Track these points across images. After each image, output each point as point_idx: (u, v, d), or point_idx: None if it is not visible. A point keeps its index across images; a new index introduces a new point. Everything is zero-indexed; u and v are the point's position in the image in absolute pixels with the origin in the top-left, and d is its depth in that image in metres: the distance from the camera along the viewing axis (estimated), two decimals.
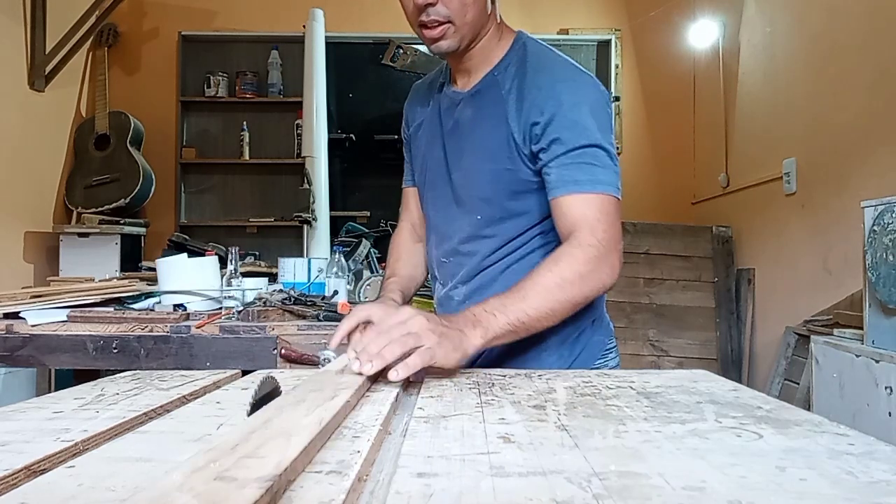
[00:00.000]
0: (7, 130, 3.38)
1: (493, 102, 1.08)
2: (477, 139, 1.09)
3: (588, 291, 0.95)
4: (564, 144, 1.00)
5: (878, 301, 1.73)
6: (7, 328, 1.66)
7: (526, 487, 0.42)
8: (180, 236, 3.51)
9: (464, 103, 1.12)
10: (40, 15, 3.56)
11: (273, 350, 1.65)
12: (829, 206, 2.63)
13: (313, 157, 3.46)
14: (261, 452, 0.42)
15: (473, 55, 1.10)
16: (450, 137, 1.14)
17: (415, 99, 1.28)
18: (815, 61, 2.76)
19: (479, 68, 1.11)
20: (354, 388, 0.66)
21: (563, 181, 1.00)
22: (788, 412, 0.62)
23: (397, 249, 1.30)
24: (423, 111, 1.23)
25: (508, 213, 1.09)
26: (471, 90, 1.12)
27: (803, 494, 0.41)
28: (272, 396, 0.66)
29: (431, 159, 1.18)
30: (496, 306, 0.88)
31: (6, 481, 0.45)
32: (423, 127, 1.22)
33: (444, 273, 1.19)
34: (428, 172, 1.20)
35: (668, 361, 3.38)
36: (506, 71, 1.09)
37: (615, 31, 4.38)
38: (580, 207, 0.98)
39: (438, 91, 1.20)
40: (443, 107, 1.17)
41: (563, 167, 1.00)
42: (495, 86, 1.09)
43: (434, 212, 1.20)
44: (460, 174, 1.12)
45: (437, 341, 0.78)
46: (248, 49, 4.39)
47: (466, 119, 1.11)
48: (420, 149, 1.22)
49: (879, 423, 1.70)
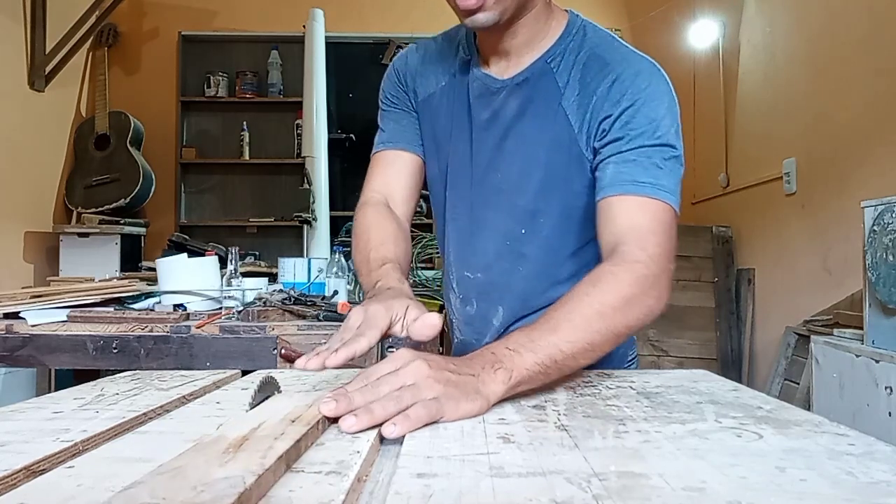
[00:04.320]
0: (7, 130, 3.38)
1: (546, 96, 0.92)
2: (528, 139, 0.93)
3: (632, 321, 0.77)
4: (632, 140, 0.85)
5: (878, 301, 1.73)
6: (7, 328, 1.66)
7: (526, 488, 0.41)
8: (180, 236, 3.51)
9: (507, 93, 0.94)
10: (40, 15, 3.56)
11: (273, 350, 1.65)
12: (829, 206, 2.63)
13: (313, 157, 3.46)
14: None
15: (517, 33, 0.91)
16: (483, 132, 0.96)
17: (426, 62, 1.03)
18: (815, 61, 2.76)
19: (523, 52, 0.93)
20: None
21: (619, 179, 0.84)
22: (788, 412, 0.62)
23: (377, 230, 0.97)
24: (437, 84, 1.01)
25: (563, 218, 0.94)
26: (515, 77, 0.94)
27: (803, 495, 0.41)
28: (271, 396, 0.66)
29: (454, 154, 0.99)
30: (522, 342, 0.68)
31: (6, 481, 0.45)
32: (435, 105, 1.01)
33: (470, 290, 1.02)
34: (449, 168, 1.00)
35: (668, 361, 3.38)
36: (562, 59, 0.92)
37: (615, 31, 4.36)
38: (633, 213, 0.82)
39: (461, 70, 0.99)
40: (473, 92, 0.97)
41: (623, 164, 0.84)
42: (548, 75, 0.92)
43: (457, 222, 1.02)
44: (499, 177, 0.95)
45: (442, 391, 0.60)
46: (248, 49, 4.39)
47: (510, 113, 0.94)
48: (433, 130, 1.02)
49: (879, 423, 1.70)
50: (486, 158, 0.96)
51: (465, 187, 0.99)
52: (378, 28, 4.23)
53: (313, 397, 0.61)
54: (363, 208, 1.02)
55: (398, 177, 1.03)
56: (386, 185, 1.04)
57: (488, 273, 1.00)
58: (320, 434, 0.54)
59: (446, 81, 1.01)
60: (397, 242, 0.95)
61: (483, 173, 0.97)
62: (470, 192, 0.98)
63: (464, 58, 0.99)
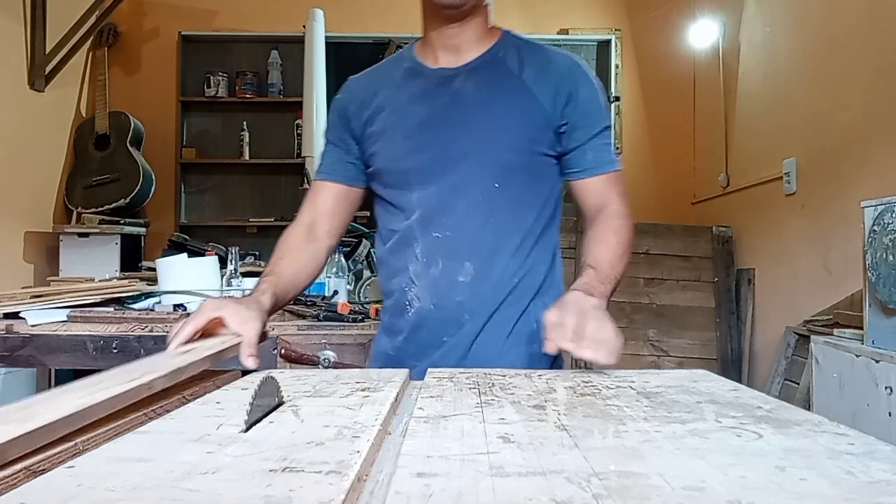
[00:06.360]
0: (7, 130, 3.38)
1: (503, 76, 1.12)
2: (496, 107, 1.11)
3: (631, 244, 1.11)
4: (595, 126, 1.12)
5: (878, 301, 1.73)
6: (7, 328, 1.66)
7: (526, 487, 0.41)
8: (180, 236, 3.50)
9: (463, 77, 1.13)
10: (40, 15, 3.56)
11: (273, 350, 1.65)
12: (829, 206, 2.63)
13: (313, 157, 3.46)
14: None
15: (466, 31, 1.12)
16: (449, 109, 1.12)
17: (359, 90, 1.22)
18: (815, 61, 2.76)
19: (471, 47, 1.14)
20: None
21: (600, 162, 1.13)
22: (788, 412, 0.62)
23: (283, 247, 1.15)
24: (379, 99, 1.17)
25: (530, 178, 1.12)
26: (468, 64, 1.13)
27: (803, 494, 0.41)
28: (272, 396, 0.66)
29: (422, 139, 1.12)
30: (593, 284, 1.00)
31: (6, 481, 0.45)
32: (386, 112, 1.16)
33: (437, 251, 1.11)
34: (417, 154, 1.13)
35: (668, 361, 3.38)
36: (506, 53, 1.14)
37: (615, 31, 4.38)
38: (613, 184, 1.14)
39: (408, 76, 1.17)
40: (426, 86, 1.14)
41: (598, 150, 1.13)
42: (498, 62, 1.13)
43: (425, 188, 1.12)
44: (474, 140, 1.10)
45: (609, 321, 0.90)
46: (248, 49, 4.39)
47: (471, 90, 1.12)
48: (387, 133, 1.15)
49: (879, 423, 1.70)
50: (462, 128, 1.11)
51: (441, 160, 1.12)
52: (378, 28, 4.22)
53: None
54: (288, 228, 1.20)
55: (324, 204, 1.21)
56: (314, 211, 1.21)
57: (458, 230, 1.11)
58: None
59: (390, 89, 1.18)
60: (293, 259, 1.14)
61: (456, 141, 1.11)
62: (446, 162, 1.11)
63: (410, 67, 1.18)
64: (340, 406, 0.65)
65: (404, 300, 1.15)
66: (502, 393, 0.73)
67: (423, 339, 1.13)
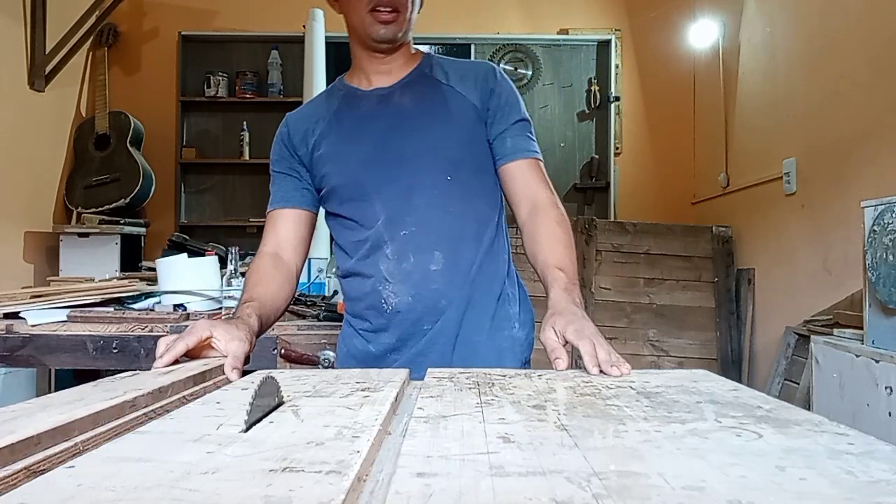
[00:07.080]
0: (7, 130, 3.38)
1: (434, 86, 1.25)
2: (434, 111, 1.23)
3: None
4: (513, 116, 1.24)
5: (878, 301, 1.73)
6: (7, 328, 1.66)
7: (526, 487, 0.41)
8: (180, 236, 3.51)
9: (399, 92, 1.25)
10: (40, 15, 3.56)
11: (273, 350, 1.65)
12: (829, 206, 2.63)
13: None
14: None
15: (397, 57, 1.26)
16: (393, 121, 1.22)
17: (301, 122, 1.29)
18: (815, 61, 2.76)
19: (400, 69, 1.26)
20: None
21: (518, 148, 1.23)
22: (788, 412, 0.62)
23: (255, 276, 1.19)
24: (322, 126, 1.26)
25: (476, 169, 1.23)
26: (400, 81, 1.26)
27: (803, 494, 0.41)
28: (272, 396, 0.66)
29: (373, 150, 1.21)
30: (563, 283, 1.07)
31: (6, 481, 0.45)
32: (332, 136, 1.25)
33: (406, 247, 1.19)
34: (371, 165, 1.21)
35: (668, 361, 3.38)
36: (431, 69, 1.27)
37: (615, 31, 4.38)
38: (533, 171, 1.23)
39: (344, 103, 1.27)
40: (366, 105, 1.25)
41: (516, 137, 1.23)
42: (427, 77, 1.26)
43: (385, 194, 1.20)
44: (421, 142, 1.20)
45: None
46: (248, 49, 4.39)
47: (408, 102, 1.24)
48: (338, 152, 1.24)
49: (879, 423, 1.70)
50: (410, 134, 1.21)
51: (395, 166, 1.21)
52: None
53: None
54: (255, 259, 1.25)
55: (285, 230, 1.27)
56: (276, 239, 1.26)
57: (423, 225, 1.19)
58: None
59: (329, 118, 1.26)
60: (268, 285, 1.18)
61: (406, 146, 1.20)
62: (400, 168, 1.20)
63: (346, 93, 1.28)
64: (340, 406, 0.65)
65: (379, 299, 1.21)
66: (502, 393, 0.73)
67: (407, 331, 1.19)
